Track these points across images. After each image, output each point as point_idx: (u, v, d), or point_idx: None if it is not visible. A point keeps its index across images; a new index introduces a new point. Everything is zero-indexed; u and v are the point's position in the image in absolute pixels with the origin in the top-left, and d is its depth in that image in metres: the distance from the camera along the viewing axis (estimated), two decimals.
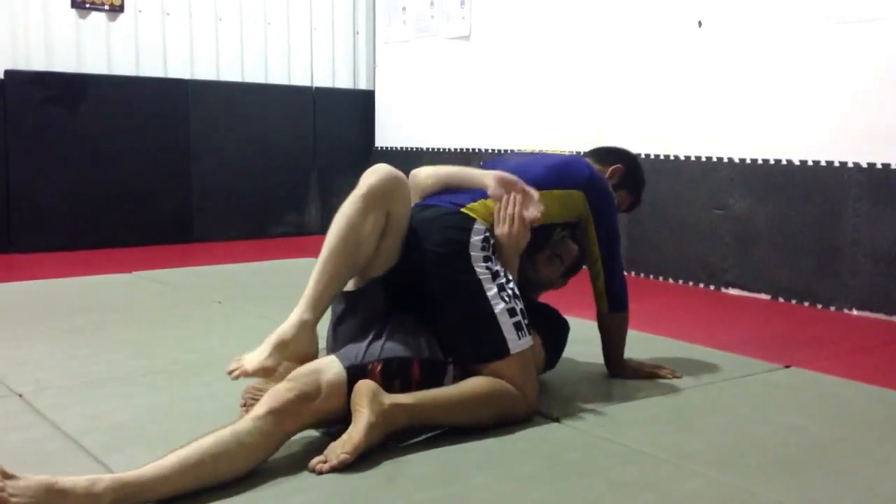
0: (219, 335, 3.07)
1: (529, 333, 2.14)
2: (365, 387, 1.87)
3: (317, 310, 2.00)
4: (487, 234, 2.18)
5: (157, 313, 3.44)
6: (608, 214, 2.43)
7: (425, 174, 2.37)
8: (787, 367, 2.76)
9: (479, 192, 2.26)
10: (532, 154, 2.62)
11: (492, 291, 2.09)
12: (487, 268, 2.12)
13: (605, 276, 2.43)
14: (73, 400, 2.28)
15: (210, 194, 5.84)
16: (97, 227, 5.39)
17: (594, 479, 1.81)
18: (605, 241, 2.42)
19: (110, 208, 5.44)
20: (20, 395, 2.31)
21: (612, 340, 2.52)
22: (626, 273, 4.60)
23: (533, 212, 2.21)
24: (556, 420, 2.17)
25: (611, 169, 2.61)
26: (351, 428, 1.83)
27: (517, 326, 2.10)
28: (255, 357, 1.92)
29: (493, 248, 2.18)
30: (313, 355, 1.99)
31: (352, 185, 2.15)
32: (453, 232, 2.16)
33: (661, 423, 2.18)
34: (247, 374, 1.90)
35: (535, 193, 2.23)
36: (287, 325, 1.96)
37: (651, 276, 4.56)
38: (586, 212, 2.39)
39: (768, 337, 3.31)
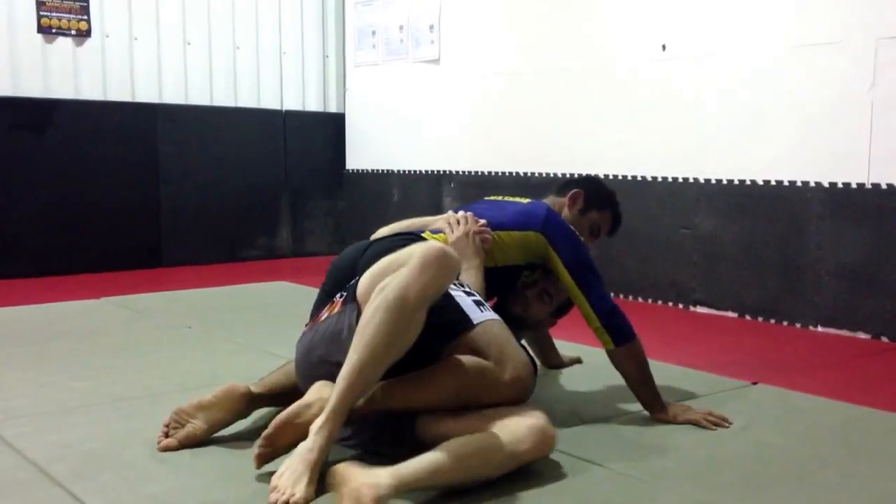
0: (189, 361, 3.04)
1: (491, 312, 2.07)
2: None
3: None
4: None
5: (127, 339, 3.40)
6: (570, 249, 2.36)
7: (383, 232, 2.45)
8: (754, 383, 2.81)
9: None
10: (497, 201, 2.57)
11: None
12: None
13: (594, 313, 2.32)
14: (42, 428, 2.25)
15: (180, 218, 5.80)
16: (65, 253, 5.34)
17: (566, 499, 1.83)
18: (576, 275, 2.34)
19: (78, 234, 5.39)
20: None
21: (632, 377, 2.35)
22: None
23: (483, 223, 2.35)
24: None
25: (569, 196, 2.59)
26: None
27: (477, 303, 2.05)
28: (300, 488, 1.74)
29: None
30: None
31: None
32: None
33: (632, 441, 2.21)
34: None
35: (483, 221, 2.36)
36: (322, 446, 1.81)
37: (619, 296, 4.60)
38: (548, 252, 2.36)
39: (736, 354, 3.35)
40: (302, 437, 1.83)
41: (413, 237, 2.30)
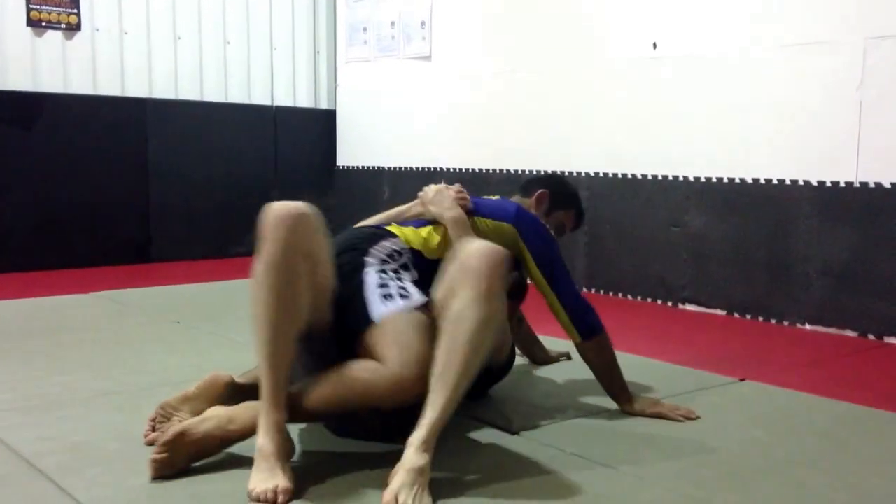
0: (177, 356, 3.04)
1: (404, 299, 1.97)
2: None
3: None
4: (404, 250, 2.18)
5: (115, 334, 3.39)
6: (543, 244, 2.36)
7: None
8: (742, 380, 2.82)
9: (412, 223, 2.32)
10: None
11: (370, 268, 2.05)
12: (382, 260, 2.10)
13: (563, 306, 2.32)
14: (30, 422, 2.25)
15: (168, 214, 5.79)
16: (53, 248, 5.31)
17: (554, 492, 1.83)
18: (546, 269, 2.33)
19: (67, 228, 5.37)
20: None
21: (600, 370, 2.38)
22: (585, 290, 4.68)
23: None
24: (517, 433, 2.20)
25: (534, 198, 2.58)
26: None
27: (386, 297, 1.97)
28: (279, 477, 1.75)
29: (402, 262, 2.15)
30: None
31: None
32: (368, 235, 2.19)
33: (620, 435, 2.22)
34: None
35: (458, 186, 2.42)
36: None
37: (609, 293, 4.62)
38: (519, 245, 2.34)
39: (724, 351, 3.37)
40: (199, 449, 1.87)
41: (370, 230, 2.27)
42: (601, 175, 4.61)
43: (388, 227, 2.29)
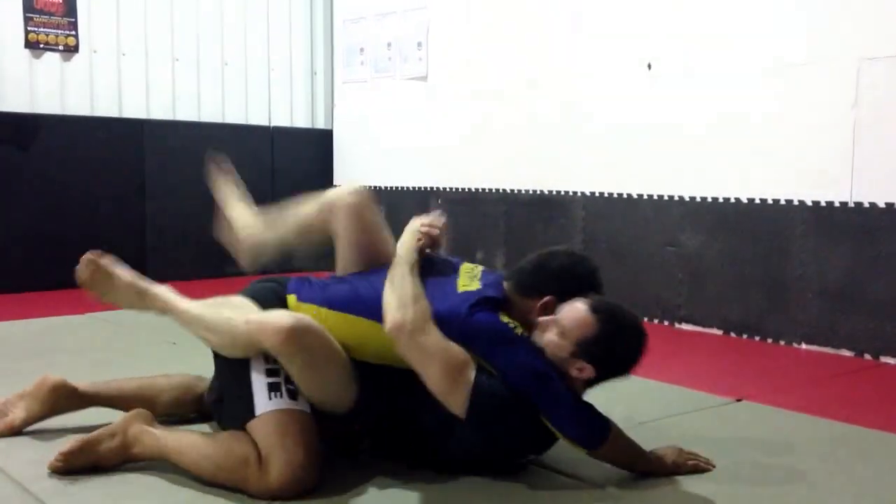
0: None
1: (293, 398, 1.96)
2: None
3: None
4: None
5: (110, 354, 3.39)
6: (504, 358, 1.99)
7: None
8: (738, 400, 2.82)
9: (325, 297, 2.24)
10: (448, 280, 2.18)
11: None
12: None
13: (554, 424, 1.95)
14: (22, 444, 2.24)
15: (165, 234, 5.79)
16: (50, 268, 5.29)
17: None
18: (522, 389, 1.95)
19: (63, 249, 5.33)
20: None
21: (618, 464, 2.05)
22: None
23: None
24: None
25: (540, 305, 2.13)
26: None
27: (272, 387, 1.96)
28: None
29: None
30: None
31: None
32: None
33: None
34: None
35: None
36: None
37: None
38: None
39: (720, 371, 3.37)
40: (97, 462, 1.99)
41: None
42: (596, 195, 4.62)
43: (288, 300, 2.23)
